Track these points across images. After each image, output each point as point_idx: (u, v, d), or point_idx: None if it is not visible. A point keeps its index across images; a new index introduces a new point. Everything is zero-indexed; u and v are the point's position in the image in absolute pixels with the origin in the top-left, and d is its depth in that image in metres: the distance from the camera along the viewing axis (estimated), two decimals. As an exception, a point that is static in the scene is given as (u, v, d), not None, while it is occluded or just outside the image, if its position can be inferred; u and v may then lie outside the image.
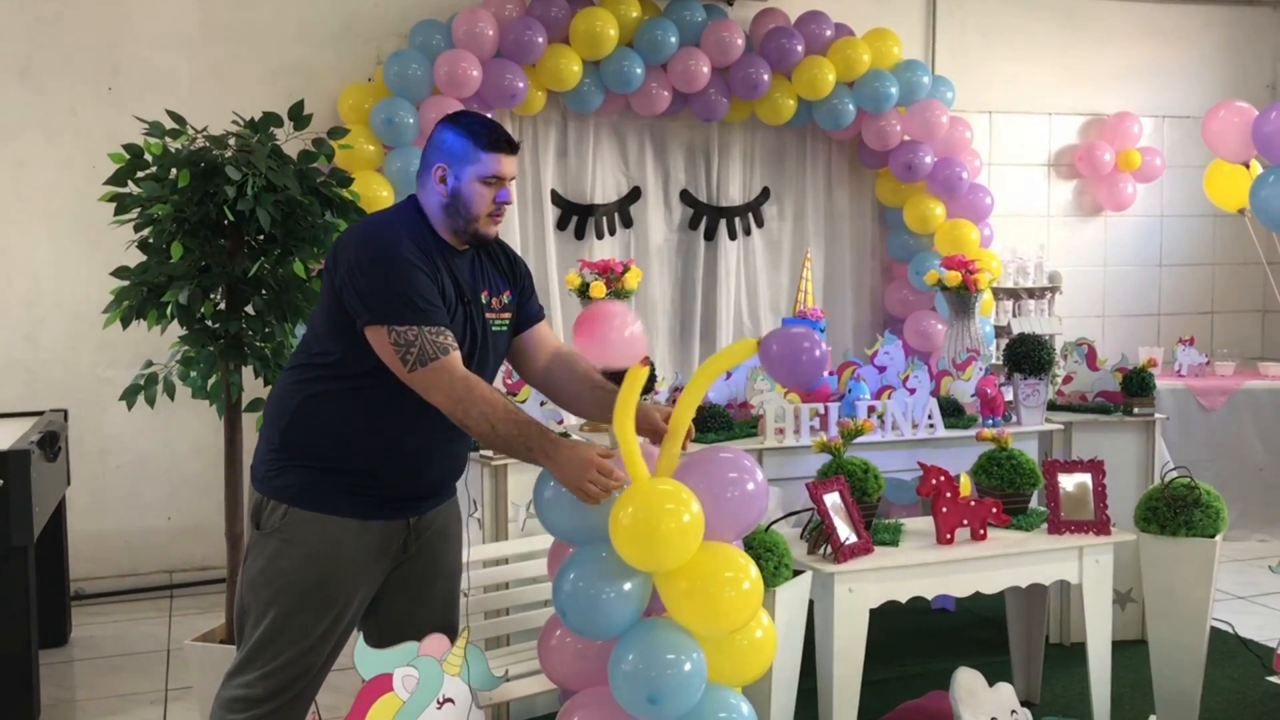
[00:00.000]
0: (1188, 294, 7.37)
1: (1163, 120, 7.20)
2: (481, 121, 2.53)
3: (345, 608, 2.51)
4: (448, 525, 2.69)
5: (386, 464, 2.49)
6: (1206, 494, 3.55)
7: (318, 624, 2.48)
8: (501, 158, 2.49)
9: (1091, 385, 4.59)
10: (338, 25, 5.63)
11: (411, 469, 2.52)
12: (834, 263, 6.46)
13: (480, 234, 2.52)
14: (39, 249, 5.29)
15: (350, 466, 2.47)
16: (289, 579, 2.47)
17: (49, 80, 5.27)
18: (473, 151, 2.47)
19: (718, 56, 5.66)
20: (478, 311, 2.53)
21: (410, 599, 2.62)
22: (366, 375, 2.44)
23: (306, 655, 2.49)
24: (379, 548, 2.53)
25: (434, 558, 2.64)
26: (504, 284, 2.62)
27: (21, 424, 4.49)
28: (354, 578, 2.50)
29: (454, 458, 2.63)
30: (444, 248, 2.51)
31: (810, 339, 2.33)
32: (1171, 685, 3.55)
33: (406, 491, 2.54)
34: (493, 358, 2.60)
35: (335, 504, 2.47)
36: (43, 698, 3.97)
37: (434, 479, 2.59)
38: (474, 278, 2.55)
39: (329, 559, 2.46)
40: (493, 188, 2.49)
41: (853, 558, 3.16)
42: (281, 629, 2.47)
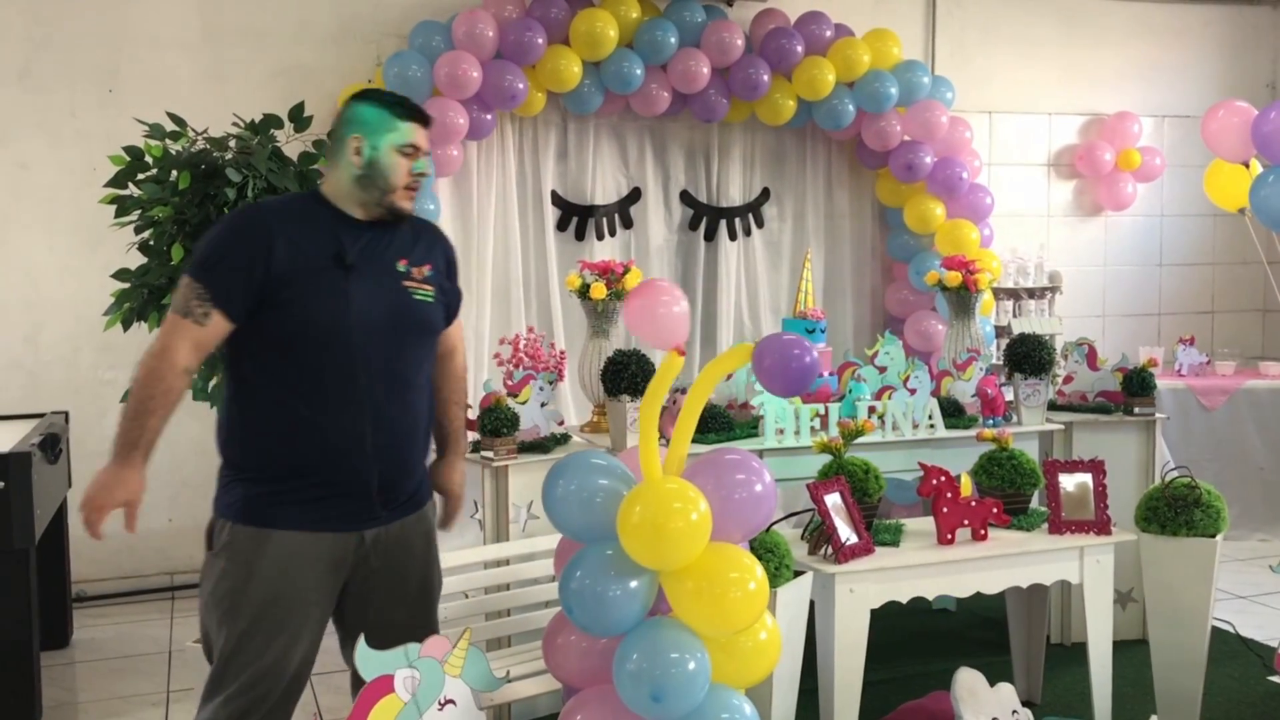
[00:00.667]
0: (1188, 293, 7.37)
1: (1163, 120, 7.21)
2: (395, 95, 2.56)
3: (301, 624, 2.45)
4: (411, 541, 2.59)
5: (314, 465, 2.42)
6: (1207, 493, 3.55)
7: (272, 643, 2.42)
8: (417, 128, 2.51)
9: (1092, 385, 4.59)
10: (337, 26, 5.63)
11: (343, 468, 2.44)
12: (834, 263, 6.46)
13: (395, 206, 2.51)
14: (39, 251, 5.29)
15: (282, 474, 2.42)
16: (236, 599, 2.42)
17: (49, 82, 5.27)
18: (389, 120, 2.48)
19: (717, 57, 5.66)
20: (383, 276, 2.48)
21: (373, 616, 2.54)
22: (264, 367, 2.43)
23: (267, 676, 2.43)
24: (330, 561, 2.46)
25: (397, 576, 2.56)
26: (425, 257, 2.59)
27: (23, 426, 4.50)
28: (304, 593, 2.44)
29: (393, 458, 2.51)
30: (334, 217, 2.49)
31: (800, 346, 2.34)
32: (1172, 685, 3.55)
33: (346, 494, 2.45)
34: (414, 326, 2.53)
35: (275, 517, 2.42)
36: (45, 699, 3.98)
37: (372, 480, 2.47)
38: (382, 246, 2.51)
39: (275, 576, 2.41)
40: (409, 158, 2.50)
41: (853, 558, 3.16)
42: (237, 650, 2.42)
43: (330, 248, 2.44)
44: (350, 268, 2.44)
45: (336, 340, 2.41)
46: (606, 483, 2.36)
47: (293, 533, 2.42)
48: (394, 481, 2.52)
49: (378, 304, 2.46)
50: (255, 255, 2.38)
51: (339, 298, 2.41)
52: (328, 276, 2.42)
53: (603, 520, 2.32)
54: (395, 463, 2.52)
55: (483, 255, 5.72)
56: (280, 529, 2.42)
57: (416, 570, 2.61)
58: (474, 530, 3.76)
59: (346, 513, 2.47)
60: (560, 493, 2.38)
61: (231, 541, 2.43)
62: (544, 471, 2.50)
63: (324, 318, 2.41)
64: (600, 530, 2.33)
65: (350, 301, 2.42)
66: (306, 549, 2.43)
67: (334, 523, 2.45)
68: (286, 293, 2.39)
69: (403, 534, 2.57)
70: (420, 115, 2.53)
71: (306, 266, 2.41)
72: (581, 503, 2.35)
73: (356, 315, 2.43)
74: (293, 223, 2.45)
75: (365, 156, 2.47)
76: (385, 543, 2.53)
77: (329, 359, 2.42)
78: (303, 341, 2.41)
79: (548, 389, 3.93)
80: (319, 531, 2.44)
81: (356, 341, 2.43)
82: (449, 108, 5.21)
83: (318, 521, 2.44)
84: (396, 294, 2.50)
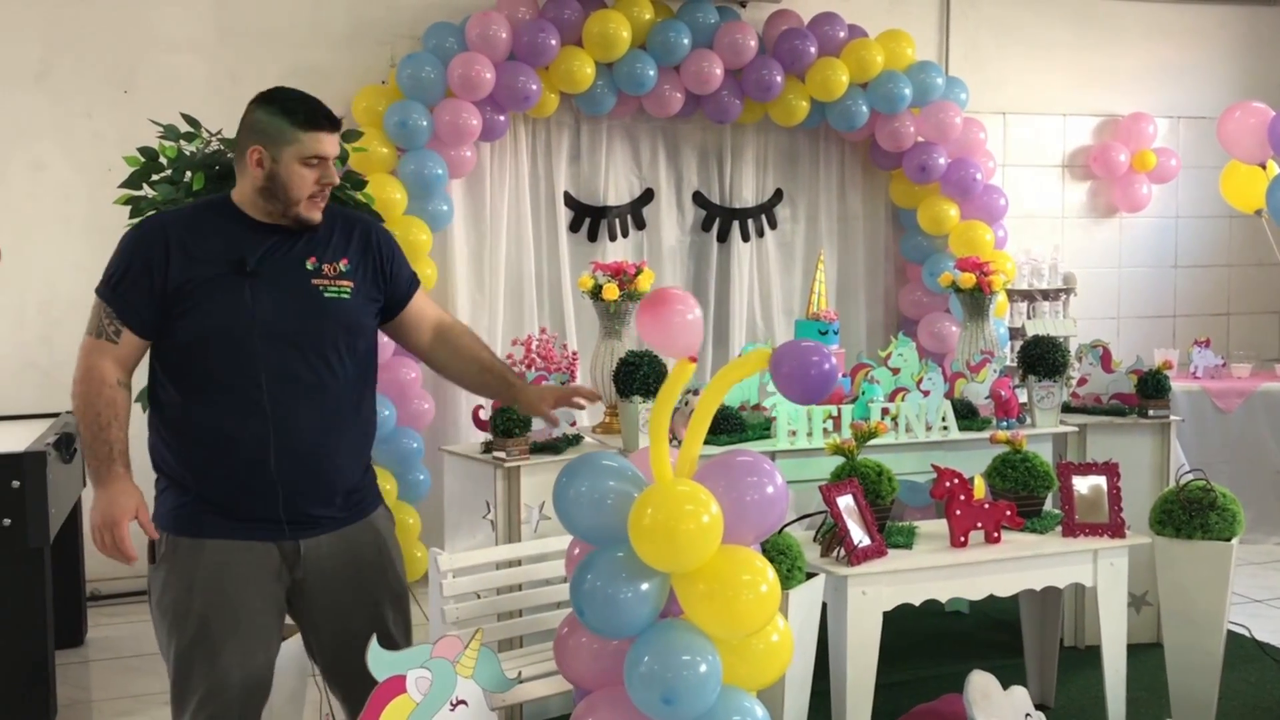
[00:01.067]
0: (1203, 295, 7.33)
1: (1178, 121, 7.17)
2: (298, 98, 2.41)
3: (251, 633, 2.40)
4: (358, 551, 2.52)
5: (226, 473, 2.38)
6: (1222, 496, 3.53)
7: (221, 652, 2.38)
8: (322, 136, 2.38)
9: (1106, 387, 4.57)
10: (351, 28, 5.65)
11: (253, 477, 2.38)
12: (847, 264, 6.45)
13: (302, 217, 2.41)
14: (55, 251, 5.31)
15: (200, 483, 2.40)
16: (180, 609, 2.38)
17: (65, 84, 5.30)
18: (289, 131, 2.36)
19: (731, 58, 5.65)
20: (288, 277, 2.41)
21: (326, 626, 2.51)
22: (176, 377, 2.41)
23: (225, 687, 2.38)
24: (268, 569, 2.42)
25: (346, 586, 2.50)
26: (341, 251, 2.49)
27: (38, 426, 4.52)
28: (248, 601, 2.40)
29: (306, 467, 2.42)
30: (240, 223, 2.42)
31: (818, 353, 2.32)
32: (1187, 689, 3.53)
33: (260, 503, 2.40)
34: (325, 327, 2.43)
35: (204, 526, 2.39)
36: (59, 698, 3.99)
37: (281, 489, 2.40)
38: (289, 247, 2.43)
39: (214, 586, 2.37)
40: (314, 169, 2.38)
41: (866, 560, 3.15)
42: (188, 663, 2.39)
43: (230, 254, 2.38)
44: (251, 274, 2.37)
45: (237, 348, 2.36)
46: (618, 484, 2.35)
47: (223, 541, 2.39)
48: (311, 490, 2.44)
49: (283, 308, 2.39)
50: (153, 268, 2.35)
51: (238, 305, 2.36)
52: (225, 284, 2.36)
53: (614, 522, 2.32)
54: (309, 471, 2.43)
55: (495, 256, 5.73)
56: (211, 538, 2.39)
57: (368, 579, 2.54)
58: (486, 531, 3.76)
59: (266, 521, 2.41)
60: (572, 494, 2.38)
61: (170, 552, 2.41)
62: (556, 472, 2.49)
63: (222, 325, 2.36)
64: (612, 532, 2.33)
65: (250, 308, 2.36)
66: (239, 557, 2.40)
67: (257, 531, 2.41)
68: (186, 303, 2.35)
69: (344, 544, 2.50)
70: (324, 121, 2.39)
71: (203, 276, 2.36)
72: (593, 504, 2.35)
73: (259, 322, 2.36)
74: (191, 232, 2.39)
75: (265, 169, 2.38)
76: (324, 553, 2.48)
77: (230, 366, 2.37)
78: (203, 350, 2.37)
79: (560, 390, 3.92)
80: (246, 540, 2.41)
81: (258, 349, 2.36)
82: (462, 109, 5.22)
83: (242, 531, 2.40)
84: (306, 296, 2.42)
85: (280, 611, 2.49)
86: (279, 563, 2.44)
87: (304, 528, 2.45)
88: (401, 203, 5.08)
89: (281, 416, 2.38)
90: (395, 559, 2.63)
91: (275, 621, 2.48)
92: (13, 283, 5.27)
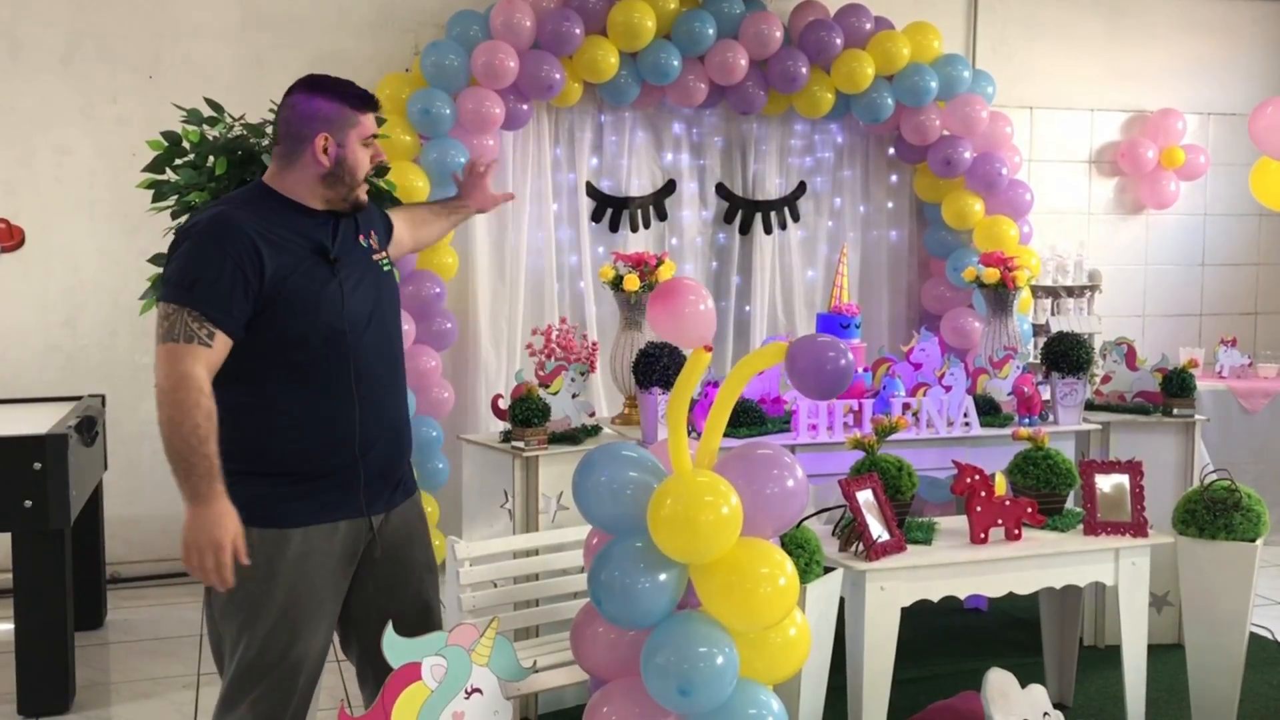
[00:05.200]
0: (1231, 294, 7.26)
1: (1208, 117, 7.10)
2: (345, 83, 2.49)
3: (319, 620, 2.44)
4: (412, 528, 2.61)
5: (314, 458, 2.39)
6: (1247, 497, 3.50)
7: (296, 642, 2.40)
8: (373, 116, 2.51)
9: (1130, 385, 4.53)
10: (376, 15, 5.65)
11: (342, 458, 2.41)
12: (870, 258, 6.41)
13: (359, 200, 2.51)
14: (79, 235, 5.34)
15: (283, 470, 2.38)
16: (260, 602, 2.37)
17: (91, 68, 5.32)
18: (351, 115, 2.45)
19: (756, 49, 5.62)
20: (358, 260, 2.48)
21: (379, 603, 2.52)
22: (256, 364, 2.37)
23: (289, 679, 2.40)
24: (344, 553, 2.45)
25: (403, 560, 2.56)
26: (369, 224, 2.59)
27: (60, 408, 4.55)
28: (321, 589, 2.42)
29: (388, 443, 2.50)
30: (297, 211, 2.43)
31: (834, 348, 2.30)
32: (1208, 691, 3.50)
33: (348, 484, 2.43)
34: (392, 299, 2.55)
35: (288, 515, 2.38)
36: (78, 679, 4.03)
37: (371, 467, 2.45)
38: (344, 229, 2.50)
39: (296, 576, 2.38)
40: (369, 148, 2.49)
41: (885, 556, 3.14)
42: (260, 654, 2.38)
43: (310, 244, 2.41)
44: (334, 260, 2.42)
45: (334, 335, 2.38)
46: (637, 475, 2.35)
47: (308, 529, 2.40)
48: (385, 466, 2.51)
49: (365, 291, 2.46)
50: (245, 265, 2.30)
51: (331, 292, 2.39)
52: (315, 273, 2.39)
53: (633, 512, 2.31)
54: (390, 446, 2.52)
55: (517, 246, 5.72)
56: (296, 527, 2.39)
57: (419, 552, 2.64)
58: (504, 520, 3.76)
59: (351, 501, 2.44)
60: (591, 484, 2.38)
61: (250, 546, 2.32)
62: (574, 462, 2.49)
63: (319, 313, 2.37)
64: (630, 522, 2.32)
65: (343, 295, 2.41)
66: (322, 544, 2.41)
67: (343, 511, 2.44)
68: (281, 294, 2.34)
69: (404, 519, 2.59)
70: (373, 101, 2.51)
71: (292, 266, 2.36)
72: (612, 494, 2.35)
73: (350, 308, 2.42)
74: (267, 225, 2.38)
75: (332, 155, 2.42)
76: (390, 528, 2.54)
77: (323, 351, 2.38)
78: (299, 338, 2.36)
79: (579, 380, 3.92)
80: (332, 522, 2.42)
81: (350, 333, 2.40)
82: (486, 98, 5.21)
83: (328, 513, 2.41)
84: (375, 274, 2.51)
85: (343, 595, 2.52)
86: (356, 542, 2.48)
87: (378, 504, 2.50)
88: (424, 190, 5.08)
89: (369, 398, 2.44)
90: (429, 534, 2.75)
91: (339, 606, 2.52)
92: (37, 266, 5.31)
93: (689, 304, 2.40)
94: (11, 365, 5.27)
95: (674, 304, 2.40)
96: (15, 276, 5.29)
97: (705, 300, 2.42)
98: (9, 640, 3.89)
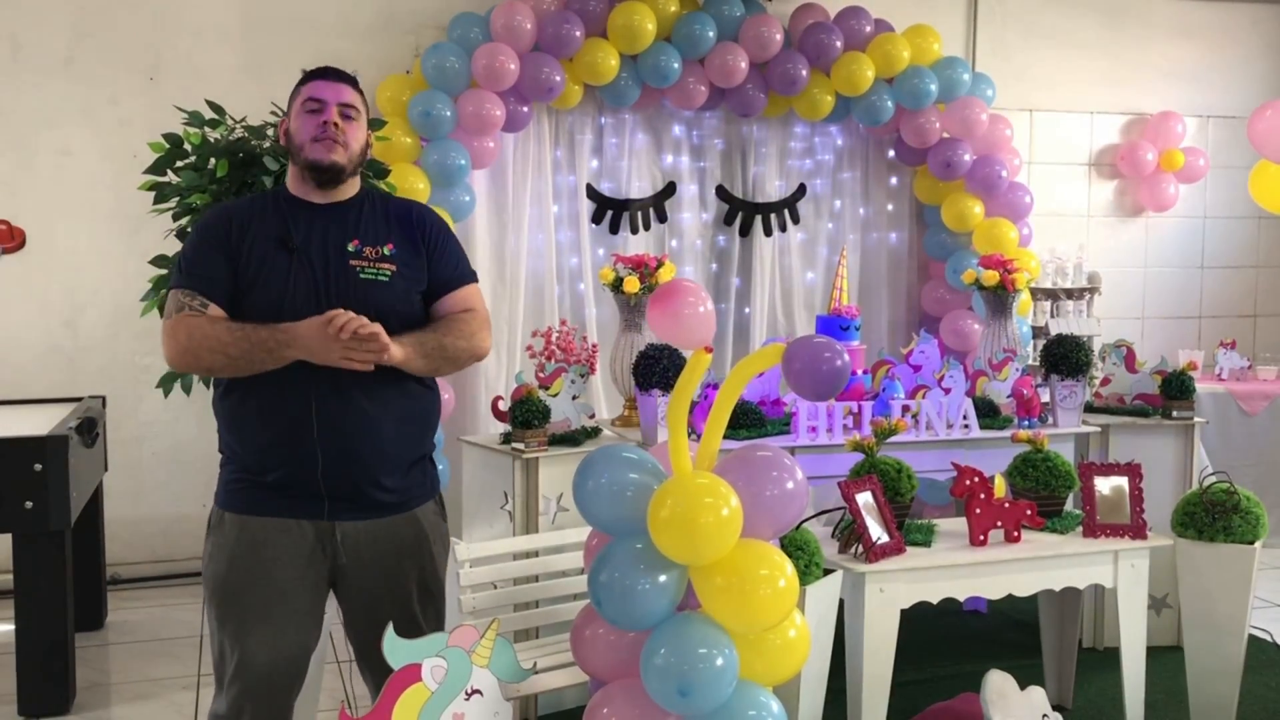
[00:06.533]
0: (1230, 296, 7.27)
1: (1207, 120, 7.11)
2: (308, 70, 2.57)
3: (285, 616, 2.43)
4: (399, 542, 2.52)
5: (269, 453, 2.42)
6: (1246, 499, 3.50)
7: (252, 632, 2.41)
8: (318, 83, 2.51)
9: (1130, 388, 4.54)
10: (377, 18, 5.66)
11: (293, 457, 2.41)
12: (870, 260, 6.42)
13: (312, 161, 2.48)
14: (80, 237, 5.35)
15: (247, 461, 2.45)
16: (216, 582, 2.46)
17: (92, 70, 5.33)
18: (296, 90, 2.55)
19: (756, 51, 5.63)
20: (331, 259, 2.45)
21: (359, 612, 2.52)
22: None
23: (251, 666, 2.42)
24: (304, 551, 2.44)
25: (381, 576, 2.50)
26: (385, 236, 2.52)
27: (61, 410, 4.55)
28: (282, 583, 2.43)
29: (345, 451, 2.42)
30: (289, 204, 2.52)
31: (830, 349, 2.30)
32: (1207, 693, 3.50)
33: (300, 483, 2.42)
34: (359, 307, 2.40)
35: (246, 502, 2.46)
36: (79, 680, 4.03)
37: (318, 471, 2.41)
38: (332, 227, 2.49)
39: (249, 562, 2.43)
40: (316, 114, 2.49)
41: (884, 557, 3.14)
42: (224, 636, 2.45)
43: (278, 232, 2.46)
44: (294, 250, 2.44)
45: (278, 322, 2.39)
46: (637, 476, 2.35)
47: (264, 519, 2.44)
48: (346, 475, 2.44)
49: (318, 286, 2.43)
50: (220, 244, 2.44)
51: (281, 282, 2.42)
52: (273, 260, 2.44)
53: (633, 514, 2.31)
54: (348, 455, 2.43)
55: (517, 247, 5.73)
56: (253, 515, 2.45)
57: (403, 574, 2.54)
58: (504, 521, 3.77)
59: (306, 500, 2.44)
60: (591, 485, 2.38)
61: (217, 524, 2.50)
62: (574, 464, 2.49)
63: (268, 302, 2.41)
64: (630, 524, 2.33)
65: (290, 285, 2.42)
66: (276, 538, 2.43)
67: (297, 510, 2.44)
68: (245, 278, 2.43)
69: (384, 534, 2.51)
70: (320, 71, 2.54)
71: (257, 253, 2.44)
72: (612, 496, 2.35)
73: (299, 300, 2.40)
74: (247, 213, 2.50)
75: (288, 131, 2.54)
76: (362, 541, 2.48)
77: None
78: None
79: (579, 382, 3.93)
80: (285, 518, 2.44)
81: None
82: (486, 100, 5.22)
83: (280, 509, 2.44)
84: (341, 276, 2.45)
85: (320, 594, 2.51)
86: (314, 544, 2.46)
87: (343, 510, 2.46)
88: (424, 192, 5.08)
89: (321, 400, 2.41)
90: (437, 555, 2.63)
91: (312, 604, 2.49)
92: (38, 268, 5.31)
93: (689, 306, 2.40)
94: (12, 366, 5.27)
95: (674, 306, 2.41)
96: (16, 278, 5.29)
97: (705, 302, 2.42)
98: (9, 641, 3.90)
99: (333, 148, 2.48)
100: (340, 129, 2.49)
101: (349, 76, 2.57)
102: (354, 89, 2.56)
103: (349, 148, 2.51)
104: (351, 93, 2.54)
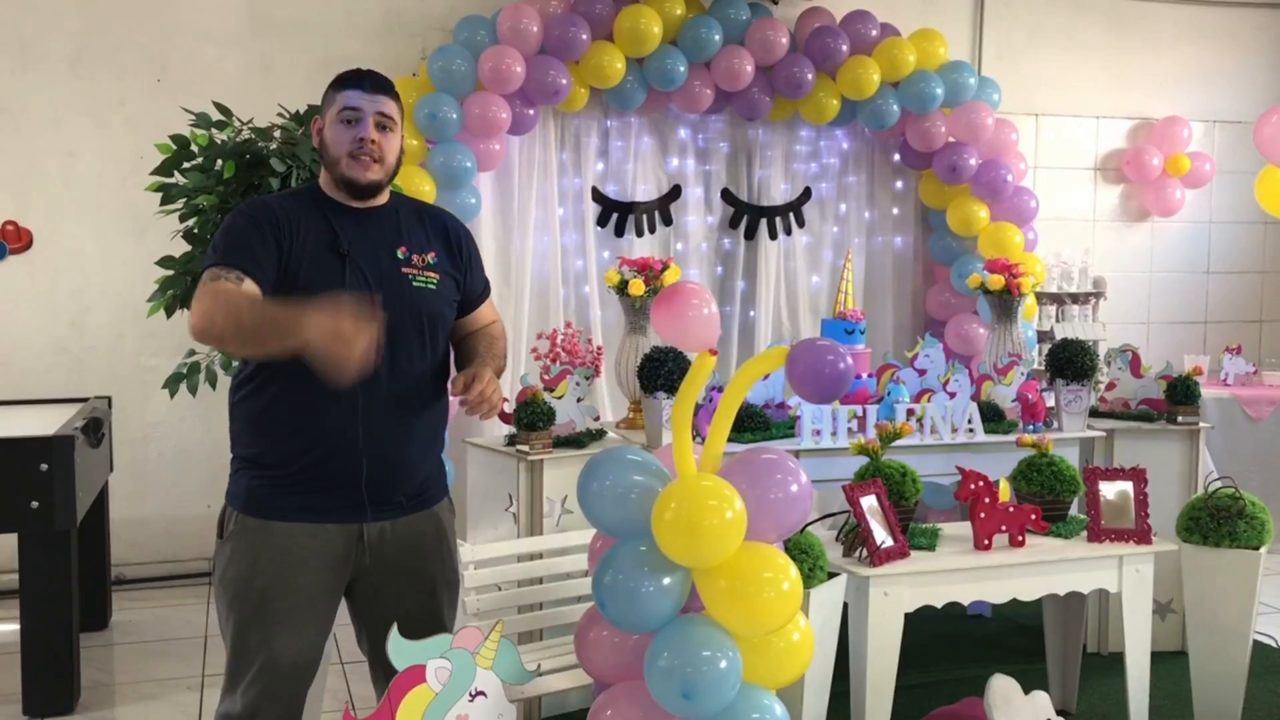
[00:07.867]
0: (1236, 301, 7.26)
1: (1213, 125, 7.10)
2: (350, 71, 2.50)
3: (305, 619, 2.43)
4: (420, 540, 2.53)
5: (306, 457, 2.39)
6: (1251, 505, 3.50)
7: (275, 635, 2.40)
8: (351, 92, 2.44)
9: (1135, 392, 4.53)
10: (383, 20, 5.67)
11: (333, 462, 2.40)
12: (875, 264, 6.42)
13: (347, 177, 2.43)
14: (86, 237, 5.36)
15: (278, 465, 2.40)
16: (239, 587, 2.41)
17: (99, 71, 5.35)
18: (330, 96, 2.47)
19: (762, 55, 5.64)
20: (383, 266, 2.43)
21: (380, 611, 2.51)
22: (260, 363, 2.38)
23: (276, 667, 2.41)
24: (330, 555, 2.43)
25: (403, 574, 2.51)
26: (427, 244, 2.53)
27: (66, 410, 4.56)
28: (307, 587, 2.42)
29: (385, 455, 2.44)
30: (328, 205, 2.46)
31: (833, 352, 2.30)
32: (1211, 699, 3.50)
33: (337, 488, 2.41)
34: (411, 314, 2.43)
35: (275, 508, 2.41)
36: (83, 680, 4.04)
37: (362, 475, 2.42)
38: (377, 233, 2.46)
39: (277, 569, 2.39)
40: (352, 126, 2.42)
41: (888, 561, 3.14)
42: (244, 640, 2.41)
43: (326, 235, 2.42)
44: (344, 255, 2.41)
45: None
46: (642, 479, 2.35)
47: (291, 524, 2.41)
48: (387, 478, 2.46)
49: (383, 298, 2.39)
50: (267, 230, 2.37)
51: (335, 284, 2.36)
52: (324, 262, 2.39)
53: (637, 516, 2.31)
54: (388, 459, 2.45)
55: (523, 250, 5.73)
56: (280, 521, 2.41)
57: (427, 569, 2.56)
58: (508, 523, 3.77)
59: (339, 507, 2.43)
60: (595, 488, 2.38)
61: (238, 529, 2.43)
62: (579, 466, 2.50)
63: None
64: (634, 526, 2.33)
65: (345, 289, 2.36)
66: (305, 542, 2.41)
67: (328, 515, 2.42)
68: (293, 278, 2.36)
69: (408, 532, 2.52)
70: (355, 77, 2.47)
71: (306, 252, 2.39)
72: (616, 498, 2.35)
73: None
74: (290, 208, 2.43)
75: (321, 137, 2.49)
76: (387, 540, 2.49)
77: None
78: None
79: (584, 384, 3.93)
80: (315, 524, 2.42)
81: None
82: (492, 102, 5.22)
83: (312, 514, 2.41)
84: (395, 282, 2.45)
85: (338, 596, 2.51)
86: (343, 548, 2.45)
87: (373, 514, 2.47)
88: (430, 194, 5.09)
89: (367, 404, 2.39)
90: (454, 549, 2.67)
91: (331, 605, 2.50)
92: (44, 268, 5.33)
93: (693, 308, 2.40)
94: (18, 366, 5.29)
95: (678, 308, 2.41)
96: (23, 278, 5.31)
97: (710, 305, 2.42)
98: (14, 641, 3.91)
99: (370, 166, 2.44)
100: (377, 144, 2.44)
101: (387, 83, 2.52)
102: (391, 97, 2.51)
103: (385, 162, 2.47)
104: (389, 102, 2.50)
